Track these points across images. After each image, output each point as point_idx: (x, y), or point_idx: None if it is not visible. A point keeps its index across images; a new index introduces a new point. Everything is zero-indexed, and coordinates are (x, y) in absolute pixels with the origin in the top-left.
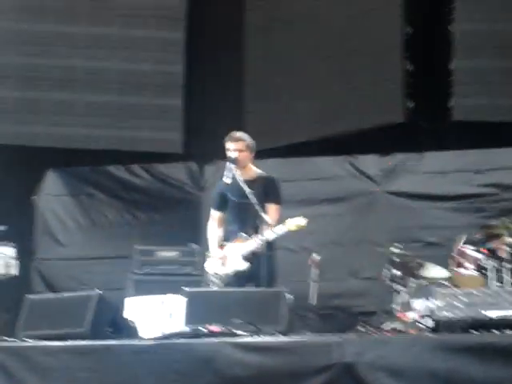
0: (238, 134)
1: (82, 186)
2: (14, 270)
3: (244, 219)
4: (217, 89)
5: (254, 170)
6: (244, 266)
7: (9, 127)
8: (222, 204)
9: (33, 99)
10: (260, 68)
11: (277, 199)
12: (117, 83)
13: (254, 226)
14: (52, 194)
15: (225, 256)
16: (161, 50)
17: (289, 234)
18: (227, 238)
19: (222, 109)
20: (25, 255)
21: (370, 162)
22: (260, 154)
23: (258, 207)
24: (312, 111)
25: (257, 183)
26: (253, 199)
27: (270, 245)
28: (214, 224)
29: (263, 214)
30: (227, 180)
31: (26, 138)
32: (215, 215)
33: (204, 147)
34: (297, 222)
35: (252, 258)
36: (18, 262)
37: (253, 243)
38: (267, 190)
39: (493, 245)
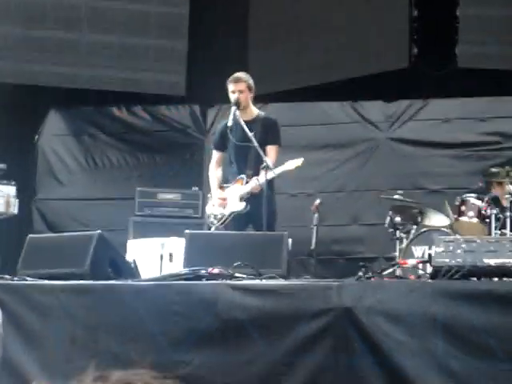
0: (239, 74)
1: (84, 127)
2: (14, 209)
3: (244, 160)
4: (221, 33)
5: (254, 111)
6: (241, 207)
7: (11, 65)
8: (222, 145)
9: (36, 37)
10: (265, 14)
11: (277, 140)
12: (121, 23)
13: (253, 167)
14: (54, 134)
15: (224, 197)
16: None
17: (289, 177)
18: (227, 178)
19: (226, 53)
20: (26, 194)
21: (374, 108)
22: (263, 98)
23: (258, 149)
24: (316, 56)
25: (257, 124)
26: (254, 142)
27: (269, 185)
28: (214, 165)
29: (263, 155)
30: (229, 122)
31: (29, 77)
32: (215, 156)
33: (207, 91)
34: (296, 163)
35: (250, 198)
36: (18, 200)
37: (252, 184)
38: (267, 131)
39: (495, 193)
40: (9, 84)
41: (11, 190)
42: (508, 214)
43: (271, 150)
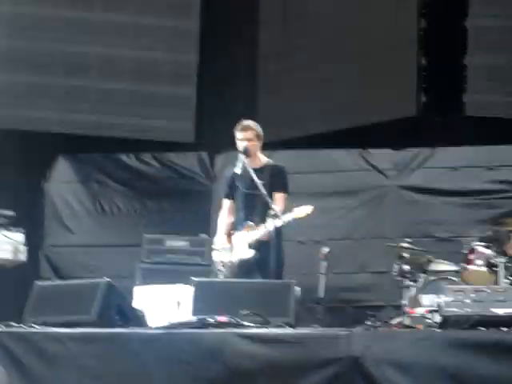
0: (247, 122)
1: (92, 173)
2: (23, 256)
3: (252, 208)
4: (230, 79)
5: (262, 158)
6: (250, 254)
7: (21, 112)
8: (231, 192)
9: (46, 84)
10: (274, 60)
11: (284, 188)
12: (130, 71)
13: (261, 215)
14: (62, 181)
15: (232, 244)
16: (174, 38)
17: (297, 224)
18: (235, 226)
19: (235, 99)
20: (34, 241)
21: (383, 156)
22: (272, 145)
23: (266, 197)
24: (325, 104)
25: (264, 171)
26: (262, 189)
27: (277, 233)
28: (224, 212)
29: (271, 203)
30: (237, 170)
31: (38, 124)
32: (225, 204)
33: (215, 137)
34: (304, 210)
35: (259, 246)
36: (26, 247)
37: (260, 231)
38: (274, 179)
39: (502, 242)
40: (17, 130)
41: (20, 237)
42: None
43: (279, 198)
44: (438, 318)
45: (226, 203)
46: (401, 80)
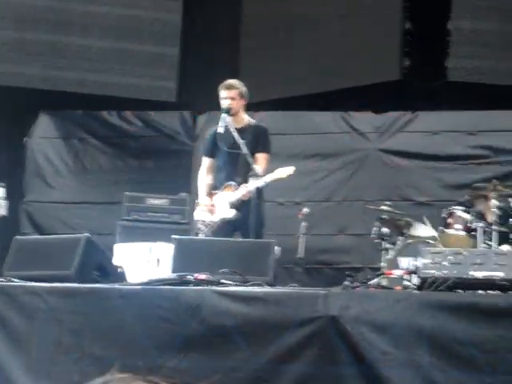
0: (231, 81)
1: (74, 130)
2: (3, 211)
3: (234, 168)
4: (213, 39)
5: (245, 118)
6: (231, 213)
7: (3, 68)
8: (212, 151)
9: (27, 40)
10: (257, 21)
11: (266, 148)
12: (113, 28)
13: (243, 175)
14: (44, 137)
15: (213, 204)
16: None
17: (278, 185)
18: (216, 185)
19: (218, 59)
20: (14, 196)
21: (364, 119)
22: (254, 106)
23: (248, 156)
24: (308, 66)
25: (247, 131)
26: (244, 149)
27: (258, 193)
28: (204, 171)
29: (253, 163)
30: (220, 129)
31: (19, 79)
32: (206, 162)
33: (198, 97)
34: (285, 171)
35: (240, 205)
36: (7, 202)
37: (241, 191)
38: (257, 139)
39: (481, 207)
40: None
41: (0, 191)
42: (494, 227)
43: (261, 158)
44: (415, 280)
45: (206, 161)
46: (384, 44)
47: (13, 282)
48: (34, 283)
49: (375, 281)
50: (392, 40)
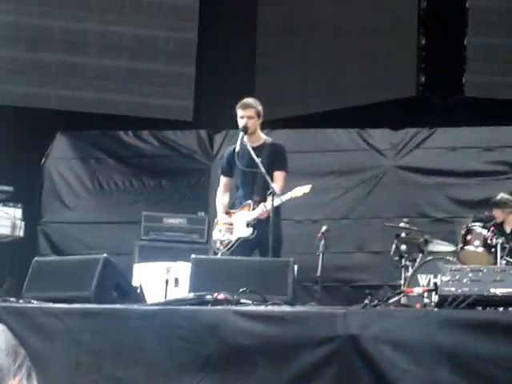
0: (248, 100)
1: (90, 150)
2: (20, 232)
3: (251, 186)
4: (229, 58)
5: (262, 137)
6: (248, 232)
7: (21, 89)
8: (230, 170)
9: (45, 61)
10: (273, 39)
11: (283, 166)
12: (129, 48)
13: (260, 193)
14: (61, 157)
15: (231, 223)
16: (175, 16)
17: (296, 203)
18: (234, 204)
19: (234, 78)
20: (32, 217)
21: (381, 136)
22: (270, 124)
23: (265, 175)
24: (325, 84)
25: (264, 150)
26: (261, 168)
27: (276, 211)
28: (222, 190)
29: (270, 182)
30: (237, 148)
31: (37, 100)
32: (223, 181)
33: (215, 116)
34: (303, 189)
35: (257, 224)
36: (24, 223)
37: (259, 210)
38: (274, 157)
39: (499, 220)
40: (17, 107)
41: (17, 212)
42: None
43: (278, 177)
44: (435, 298)
45: (223, 180)
46: (400, 60)
47: (31, 303)
48: (52, 304)
49: (395, 299)
50: (408, 56)
